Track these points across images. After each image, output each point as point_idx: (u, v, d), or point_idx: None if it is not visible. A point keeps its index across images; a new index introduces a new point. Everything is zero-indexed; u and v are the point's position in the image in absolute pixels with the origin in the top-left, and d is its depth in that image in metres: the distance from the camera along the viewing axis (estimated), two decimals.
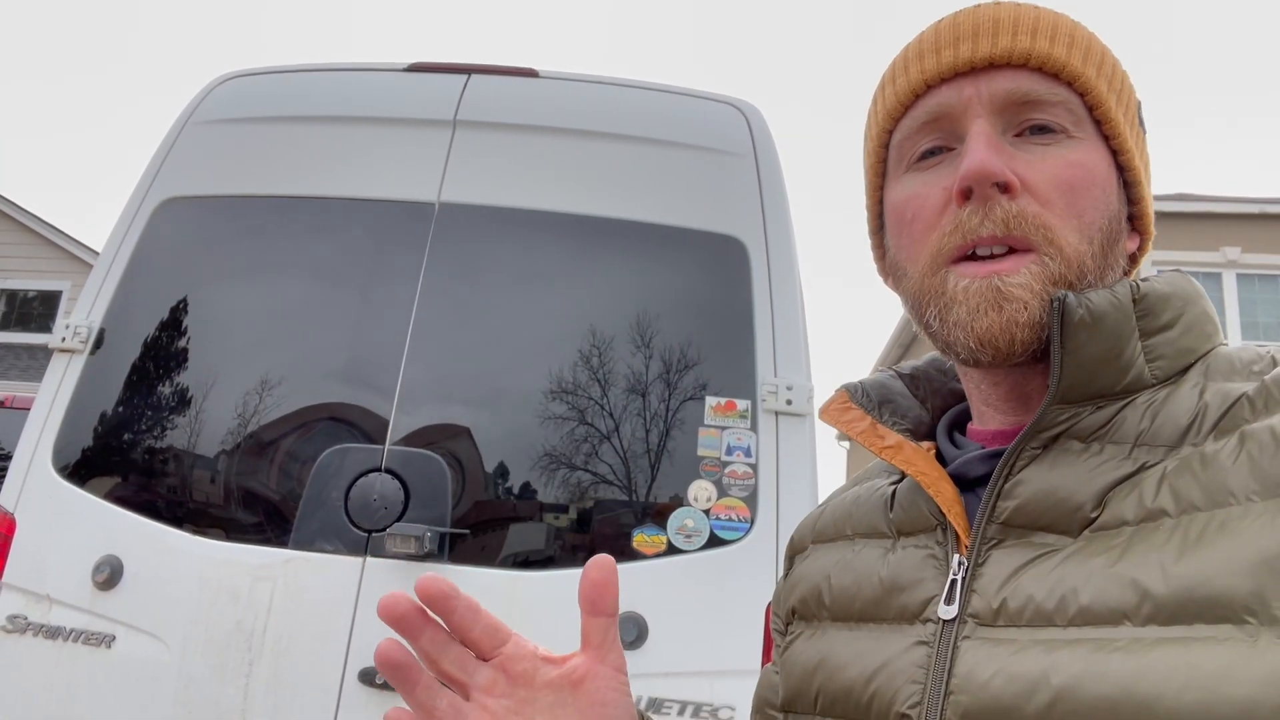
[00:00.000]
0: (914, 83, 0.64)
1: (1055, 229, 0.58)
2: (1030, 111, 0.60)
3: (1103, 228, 0.60)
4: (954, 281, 0.59)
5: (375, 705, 1.70)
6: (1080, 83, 0.61)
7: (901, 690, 0.56)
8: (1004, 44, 0.61)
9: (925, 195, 0.62)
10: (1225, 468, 0.50)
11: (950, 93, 0.62)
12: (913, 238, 0.63)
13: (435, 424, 1.90)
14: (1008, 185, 0.58)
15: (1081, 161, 0.60)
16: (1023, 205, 0.58)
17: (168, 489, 1.90)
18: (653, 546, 1.80)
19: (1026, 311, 0.56)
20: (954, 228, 0.59)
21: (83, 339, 2.03)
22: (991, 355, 0.58)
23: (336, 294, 2.02)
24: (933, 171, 0.63)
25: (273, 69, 2.35)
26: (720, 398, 1.90)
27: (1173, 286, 0.59)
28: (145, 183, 2.21)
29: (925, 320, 0.62)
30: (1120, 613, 0.49)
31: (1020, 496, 0.56)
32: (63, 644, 1.79)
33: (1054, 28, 0.61)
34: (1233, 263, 10.50)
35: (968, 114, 0.61)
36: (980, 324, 0.57)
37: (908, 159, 0.65)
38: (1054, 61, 0.60)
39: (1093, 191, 0.59)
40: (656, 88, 2.25)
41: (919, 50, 0.65)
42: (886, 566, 0.63)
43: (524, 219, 2.06)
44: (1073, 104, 0.61)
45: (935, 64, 0.63)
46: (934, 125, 0.63)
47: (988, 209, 0.58)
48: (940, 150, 0.63)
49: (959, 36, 0.62)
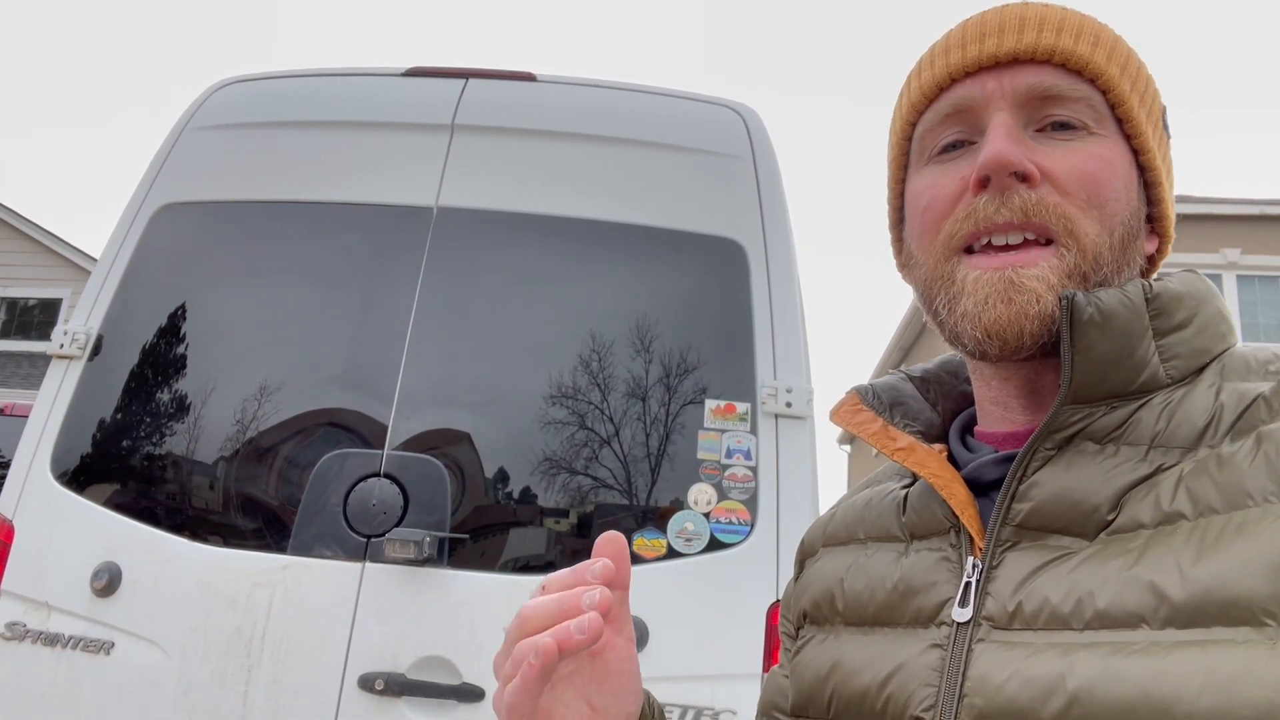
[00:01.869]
0: (939, 76, 0.64)
1: (1075, 219, 0.58)
2: (1052, 107, 0.61)
3: (1124, 220, 0.60)
4: (964, 272, 0.59)
5: (374, 711, 1.70)
6: (1103, 80, 0.61)
7: (916, 693, 0.56)
8: (1029, 39, 0.61)
9: (942, 184, 0.63)
10: (1242, 469, 0.49)
11: (974, 86, 0.63)
12: (925, 225, 0.64)
13: (434, 429, 1.89)
14: (1026, 175, 0.58)
15: (1103, 155, 0.60)
16: (1043, 194, 0.58)
17: (166, 495, 1.89)
18: (653, 550, 1.79)
19: (1038, 304, 0.56)
20: (967, 214, 0.60)
21: (81, 345, 2.03)
22: (999, 347, 0.58)
23: (335, 299, 2.02)
24: (953, 163, 0.63)
25: (270, 74, 2.35)
26: (720, 400, 1.90)
27: (1186, 286, 0.59)
28: (143, 188, 2.20)
29: (934, 309, 0.63)
30: (1138, 616, 0.48)
31: (1035, 499, 0.56)
32: (61, 651, 1.79)
33: (1079, 27, 0.62)
34: (1233, 264, 10.50)
35: (990, 107, 0.61)
36: (988, 316, 0.57)
37: (929, 152, 0.66)
38: (1077, 58, 0.61)
39: (1114, 184, 0.60)
40: (654, 91, 2.25)
41: (945, 45, 0.65)
42: (900, 570, 0.63)
43: (522, 223, 2.06)
44: (1095, 101, 0.61)
45: (960, 58, 0.63)
46: (956, 118, 0.64)
47: (1005, 198, 0.58)
48: (962, 144, 0.63)
49: (985, 33, 0.63)
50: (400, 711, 1.70)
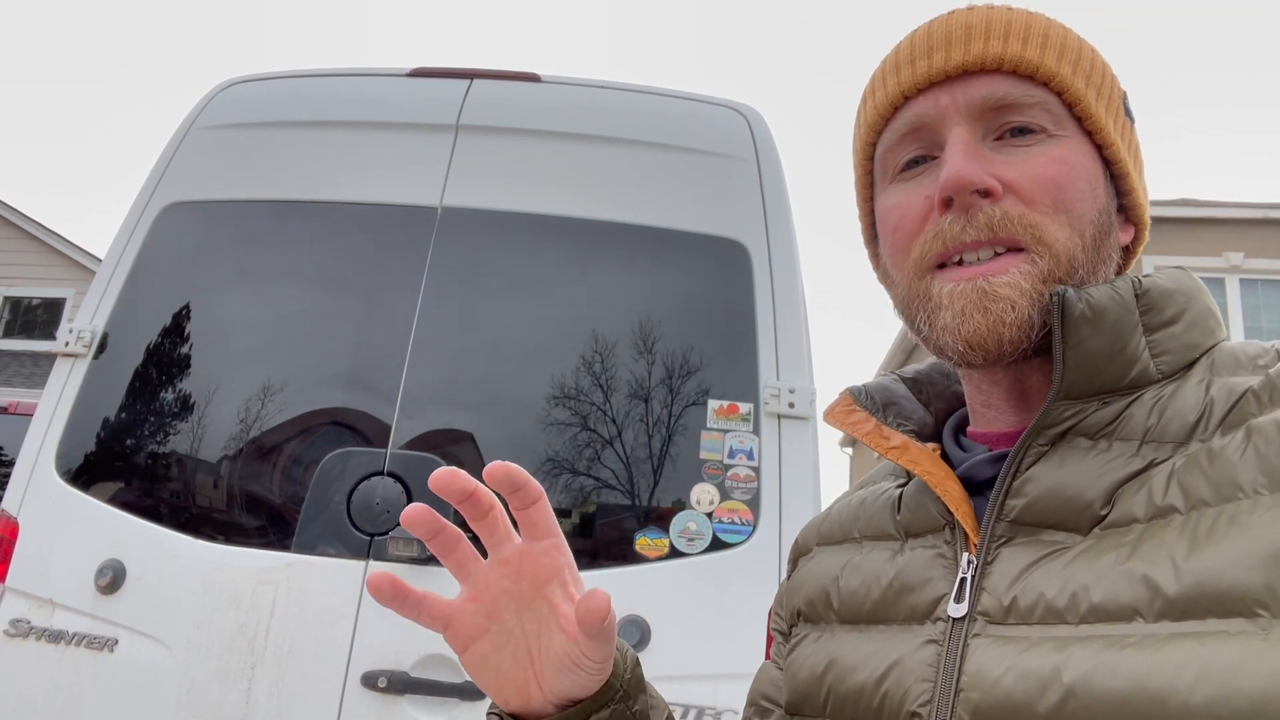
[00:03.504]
0: (892, 95, 0.65)
1: (1042, 226, 0.58)
2: (1008, 115, 0.61)
3: (1093, 220, 0.60)
4: (939, 287, 0.60)
5: (377, 709, 1.70)
6: (1056, 82, 0.61)
7: (912, 689, 0.56)
8: (976, 50, 0.61)
9: (908, 204, 0.63)
10: (1233, 462, 0.50)
11: (927, 103, 0.63)
12: (897, 246, 0.64)
13: (437, 428, 1.90)
14: (989, 190, 0.58)
15: (1064, 158, 0.60)
16: (1007, 207, 0.58)
17: (170, 493, 1.90)
18: (655, 550, 1.79)
19: (1014, 311, 0.57)
20: (935, 235, 0.60)
21: (86, 343, 2.04)
22: (982, 356, 0.59)
23: (339, 298, 2.03)
24: (916, 181, 0.64)
25: (276, 74, 2.36)
26: (722, 401, 1.90)
27: (1175, 282, 0.59)
28: (149, 188, 2.21)
29: (916, 325, 0.63)
30: (1132, 609, 0.49)
31: (1029, 494, 0.56)
32: (65, 648, 1.79)
33: (1026, 29, 0.62)
34: (1236, 268, 10.48)
35: (945, 123, 0.62)
36: (967, 327, 0.58)
37: (892, 170, 0.66)
38: (1027, 64, 0.61)
39: (1078, 185, 0.60)
40: (658, 92, 2.25)
41: (895, 63, 0.66)
42: (895, 567, 0.63)
43: (526, 223, 2.07)
44: (1050, 104, 0.61)
45: (910, 75, 0.64)
46: (914, 136, 0.64)
47: (969, 216, 0.59)
48: (923, 160, 0.64)
49: (932, 46, 0.63)
50: (403, 709, 1.70)
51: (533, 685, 0.59)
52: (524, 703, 0.59)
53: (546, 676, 0.58)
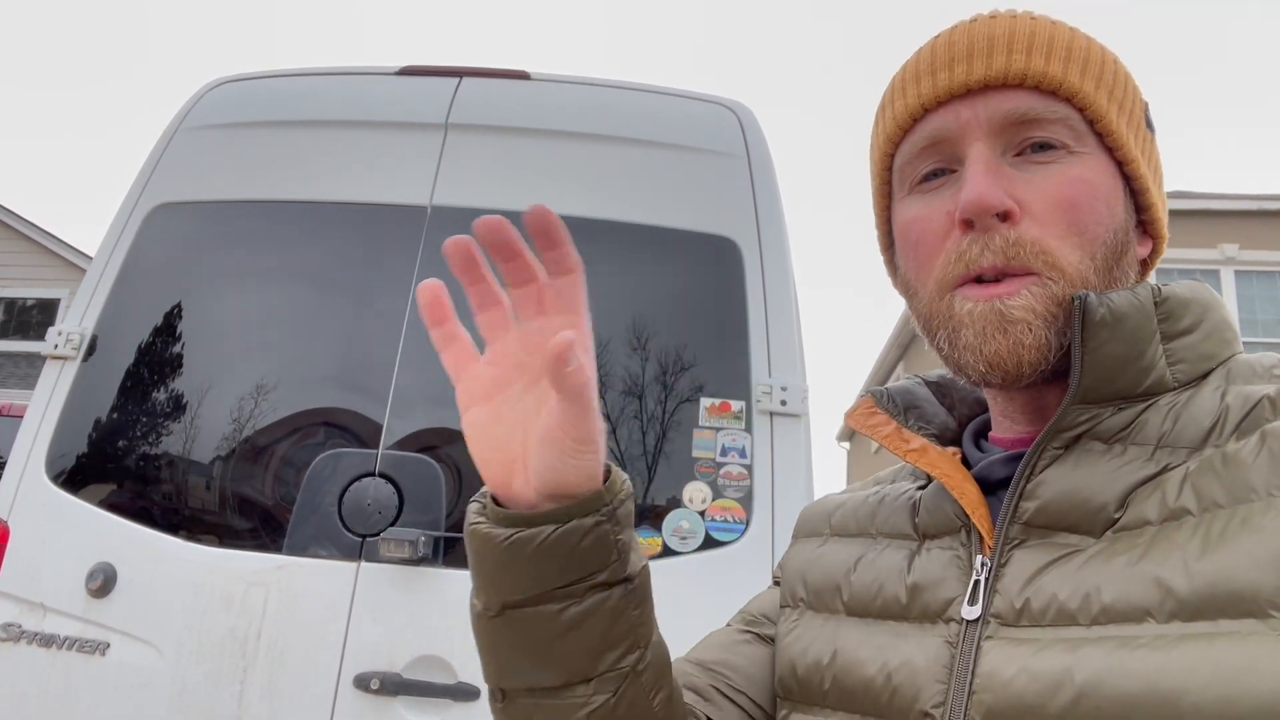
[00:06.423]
0: (911, 107, 0.64)
1: (1054, 251, 0.58)
2: (1029, 130, 0.60)
3: (1106, 241, 0.60)
4: (960, 305, 0.60)
5: (370, 711, 1.70)
6: (1079, 98, 0.60)
7: (924, 689, 0.57)
8: (999, 65, 0.60)
9: (928, 219, 0.63)
10: (1247, 465, 0.50)
11: (948, 116, 0.62)
12: (919, 261, 0.64)
13: (429, 428, 1.89)
14: (1007, 213, 0.58)
15: (1082, 177, 0.60)
16: (1021, 231, 0.58)
17: (161, 496, 1.89)
18: (648, 549, 1.79)
19: (1031, 333, 0.57)
20: (957, 257, 0.60)
21: (75, 346, 2.03)
22: (1001, 377, 0.59)
23: (329, 298, 2.02)
24: (935, 194, 0.63)
25: (264, 74, 2.35)
26: (715, 399, 1.90)
27: (1193, 292, 0.60)
28: (137, 189, 2.20)
29: (937, 343, 0.63)
30: (1143, 610, 0.49)
31: (1042, 497, 0.56)
32: (57, 652, 1.79)
33: (1050, 42, 0.61)
34: (1230, 259, 10.50)
35: (966, 138, 0.61)
36: (989, 347, 0.58)
37: (910, 181, 0.66)
38: (1051, 79, 0.60)
39: (1095, 207, 0.59)
40: (649, 89, 2.24)
41: (915, 72, 0.65)
42: (910, 569, 0.64)
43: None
44: (1073, 120, 0.61)
45: (931, 87, 0.63)
46: (934, 149, 0.63)
47: (987, 239, 0.59)
48: (942, 172, 0.63)
49: (954, 57, 0.62)
50: (396, 711, 1.70)
51: (518, 464, 0.56)
52: (506, 481, 0.57)
53: (532, 453, 0.55)
